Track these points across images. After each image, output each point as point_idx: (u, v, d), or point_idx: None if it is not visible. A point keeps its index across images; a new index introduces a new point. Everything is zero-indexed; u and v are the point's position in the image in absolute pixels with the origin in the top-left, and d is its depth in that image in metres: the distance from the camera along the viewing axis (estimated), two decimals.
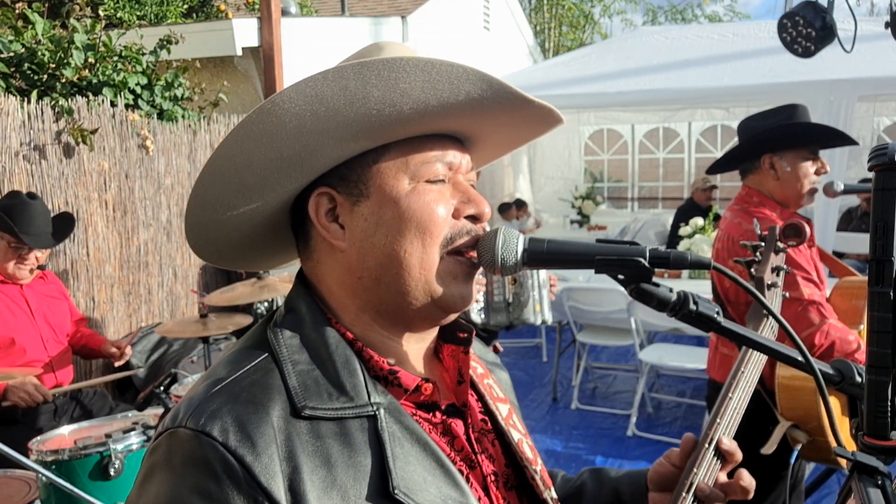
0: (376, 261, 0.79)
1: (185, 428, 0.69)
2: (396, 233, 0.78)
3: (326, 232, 0.80)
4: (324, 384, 0.74)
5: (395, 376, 0.79)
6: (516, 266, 0.83)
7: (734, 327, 0.85)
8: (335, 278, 0.82)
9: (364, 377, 0.77)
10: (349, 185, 0.80)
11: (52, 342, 2.99)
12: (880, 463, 0.80)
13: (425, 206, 0.78)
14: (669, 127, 10.46)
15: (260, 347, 0.78)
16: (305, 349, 0.77)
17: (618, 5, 19.59)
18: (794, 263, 2.11)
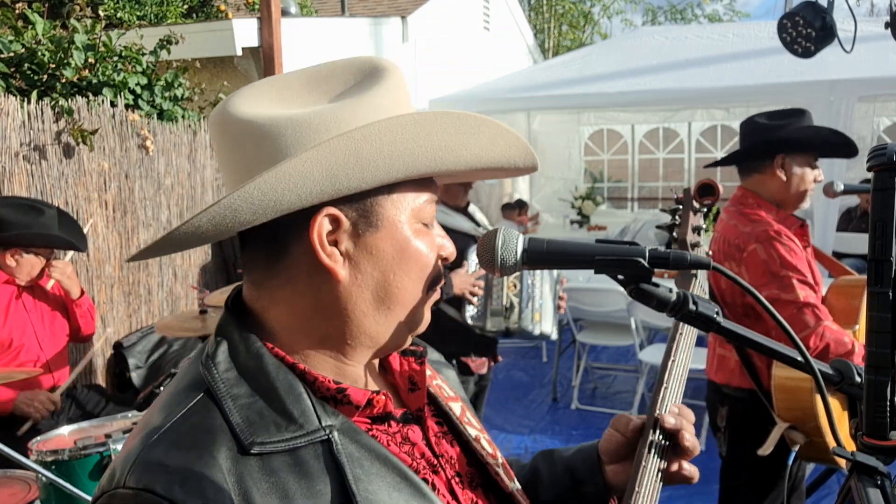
0: (372, 295, 0.76)
1: (125, 488, 0.64)
2: (400, 271, 0.76)
3: (328, 257, 0.73)
4: (269, 415, 0.70)
5: (343, 394, 0.75)
6: (516, 266, 0.83)
7: (734, 327, 0.85)
8: (307, 304, 0.75)
9: (311, 401, 0.72)
10: (360, 212, 0.74)
11: (49, 342, 2.99)
12: (880, 463, 0.80)
13: (426, 248, 0.79)
14: (669, 127, 10.46)
15: (194, 387, 0.72)
16: (244, 381, 0.72)
17: (617, 5, 19.60)
18: (789, 266, 2.11)
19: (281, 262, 0.75)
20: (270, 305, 0.77)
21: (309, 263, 0.74)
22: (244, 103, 0.75)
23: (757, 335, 0.87)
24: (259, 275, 0.77)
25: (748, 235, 2.20)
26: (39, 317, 2.99)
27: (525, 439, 4.35)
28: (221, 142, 0.76)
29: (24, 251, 2.85)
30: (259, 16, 5.33)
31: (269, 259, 0.76)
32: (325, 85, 0.78)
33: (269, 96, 0.77)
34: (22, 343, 2.86)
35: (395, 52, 7.33)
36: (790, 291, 2.09)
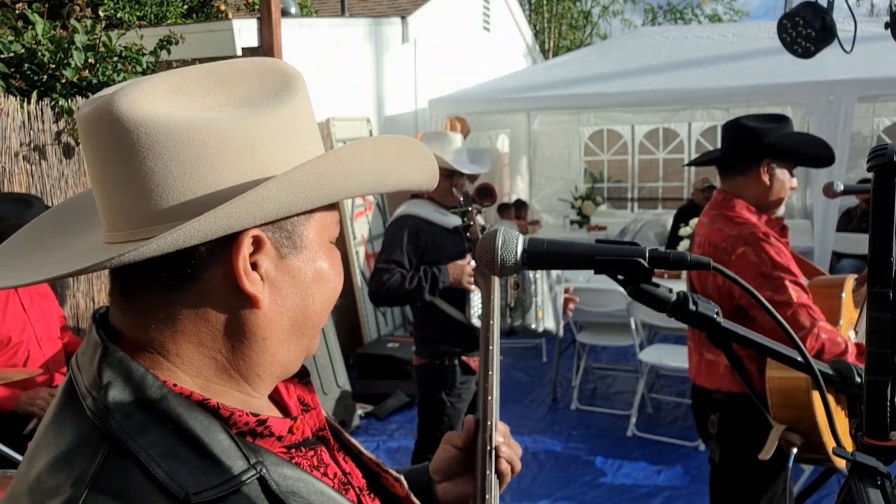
0: (290, 321, 0.70)
1: None
2: (318, 295, 0.72)
3: (249, 283, 0.65)
4: (194, 461, 0.61)
5: (265, 426, 0.68)
6: (516, 266, 0.83)
7: (734, 328, 0.85)
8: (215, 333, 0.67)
9: (232, 439, 0.65)
10: (283, 232, 0.68)
11: (47, 341, 2.98)
12: (880, 464, 0.80)
13: (339, 272, 0.75)
14: (669, 127, 10.46)
15: (90, 442, 0.60)
16: (152, 427, 0.61)
17: (617, 5, 19.61)
18: (780, 267, 2.12)
19: (187, 289, 0.65)
20: (166, 336, 0.66)
21: (225, 289, 0.65)
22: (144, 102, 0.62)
23: (757, 335, 0.87)
24: (150, 302, 0.66)
25: (736, 238, 2.20)
26: (37, 315, 2.98)
27: (525, 439, 4.35)
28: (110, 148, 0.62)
29: None
30: (259, 16, 5.34)
31: (170, 285, 0.65)
32: (228, 88, 0.68)
33: (172, 95, 0.65)
34: (20, 341, 2.86)
35: (394, 53, 7.33)
36: (783, 293, 2.09)
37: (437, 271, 2.76)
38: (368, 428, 4.73)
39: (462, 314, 2.85)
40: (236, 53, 5.30)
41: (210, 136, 0.62)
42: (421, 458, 3.00)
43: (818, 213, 5.86)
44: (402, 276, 2.77)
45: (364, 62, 6.85)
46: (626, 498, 3.67)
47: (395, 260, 2.81)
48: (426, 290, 2.74)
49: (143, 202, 0.63)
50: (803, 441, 2.07)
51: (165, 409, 0.62)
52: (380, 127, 6.95)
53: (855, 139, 7.71)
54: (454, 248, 2.89)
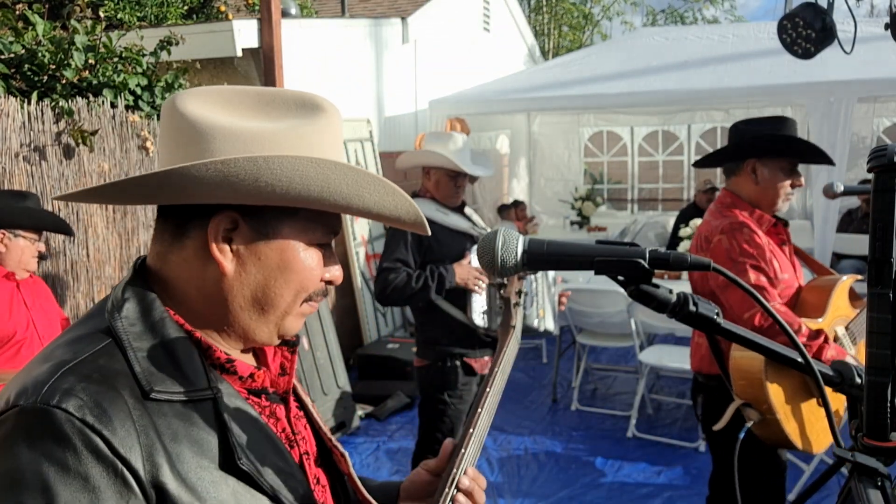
0: (251, 293, 0.86)
1: (37, 404, 0.71)
2: (282, 279, 0.86)
3: (218, 251, 0.83)
4: (167, 370, 0.79)
5: (232, 364, 0.87)
6: (516, 267, 0.83)
7: (734, 328, 0.85)
8: (196, 285, 0.86)
9: (203, 364, 0.83)
10: (259, 221, 0.85)
11: (49, 338, 2.98)
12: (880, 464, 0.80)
13: (311, 268, 0.88)
14: (668, 129, 10.45)
15: (101, 333, 0.81)
16: (147, 337, 0.81)
17: (618, 6, 19.61)
18: (746, 254, 2.29)
19: (181, 243, 0.85)
20: (171, 276, 0.87)
21: (204, 251, 0.84)
22: (192, 103, 0.85)
23: (757, 336, 0.87)
24: (164, 247, 0.87)
25: (716, 228, 2.38)
26: (39, 314, 2.99)
27: (525, 440, 4.35)
28: (167, 127, 0.86)
29: (12, 234, 2.86)
30: (259, 17, 5.34)
31: (173, 235, 0.86)
32: (266, 107, 0.87)
33: (215, 103, 0.86)
34: (24, 338, 2.86)
35: (394, 53, 7.33)
36: (743, 276, 2.27)
37: (444, 271, 2.76)
38: (368, 429, 4.72)
39: (464, 315, 2.84)
40: (236, 54, 5.30)
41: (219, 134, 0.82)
42: (421, 458, 2.99)
43: (818, 213, 5.86)
44: (408, 276, 2.76)
45: (364, 63, 6.86)
46: (627, 499, 3.67)
47: (401, 259, 2.80)
48: (433, 289, 2.74)
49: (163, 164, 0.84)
50: (761, 418, 2.19)
51: (161, 328, 0.82)
52: (380, 127, 6.95)
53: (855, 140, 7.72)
54: (456, 248, 2.89)
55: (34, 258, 2.97)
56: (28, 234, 2.91)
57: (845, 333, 2.35)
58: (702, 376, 2.52)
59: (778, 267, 2.34)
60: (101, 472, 0.70)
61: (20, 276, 2.93)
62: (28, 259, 2.93)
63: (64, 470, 0.69)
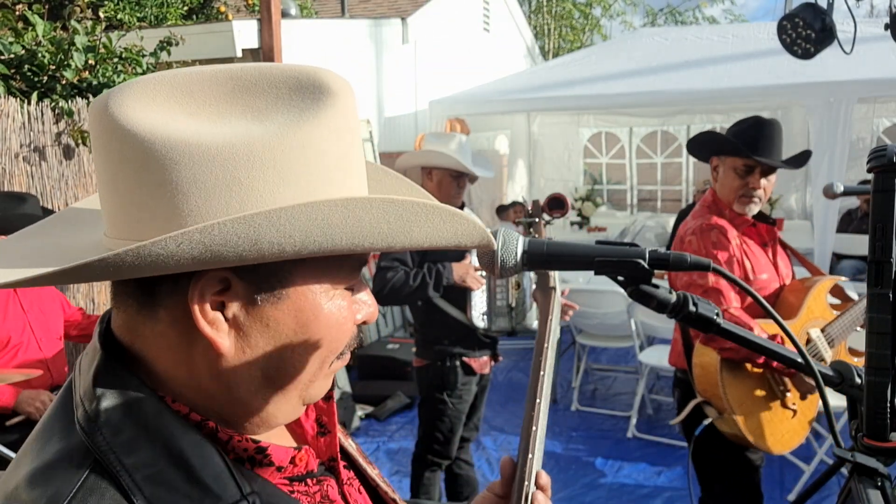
0: (262, 373, 0.62)
1: None
2: (304, 345, 0.62)
3: (208, 325, 0.58)
4: (180, 486, 0.57)
5: (263, 454, 0.63)
6: (516, 267, 0.83)
7: (733, 328, 0.85)
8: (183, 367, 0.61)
9: (226, 463, 0.60)
10: (258, 276, 0.59)
11: (47, 342, 2.98)
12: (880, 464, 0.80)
13: (343, 319, 0.65)
14: (668, 131, 10.45)
15: (74, 459, 0.56)
16: (142, 446, 0.57)
17: (618, 6, 19.62)
18: (711, 256, 2.31)
19: (152, 312, 0.60)
20: (150, 354, 0.61)
21: (184, 322, 0.59)
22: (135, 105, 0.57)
23: (757, 336, 0.87)
24: (130, 316, 0.61)
25: (689, 229, 2.42)
26: (37, 316, 2.98)
27: None
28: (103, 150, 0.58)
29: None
30: (259, 17, 5.34)
31: (141, 304, 0.60)
32: (248, 97, 0.60)
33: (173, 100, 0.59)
34: (20, 342, 2.86)
35: (394, 54, 7.33)
36: (703, 277, 2.28)
37: (442, 268, 2.75)
38: (368, 429, 4.72)
39: (463, 315, 2.84)
40: (236, 55, 5.30)
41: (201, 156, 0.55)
42: (421, 459, 3.00)
43: (818, 214, 5.86)
44: (406, 274, 2.76)
45: (364, 63, 6.86)
46: (627, 499, 3.67)
47: (398, 258, 2.80)
48: (430, 286, 2.73)
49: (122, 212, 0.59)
50: (719, 416, 2.24)
51: (157, 427, 0.58)
52: (380, 128, 6.95)
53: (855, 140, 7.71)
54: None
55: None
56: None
57: (820, 336, 2.34)
58: (679, 372, 2.53)
59: (751, 267, 2.36)
60: None
61: None
62: None
63: None
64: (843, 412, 3.25)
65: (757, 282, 2.37)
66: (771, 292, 2.42)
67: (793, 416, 2.30)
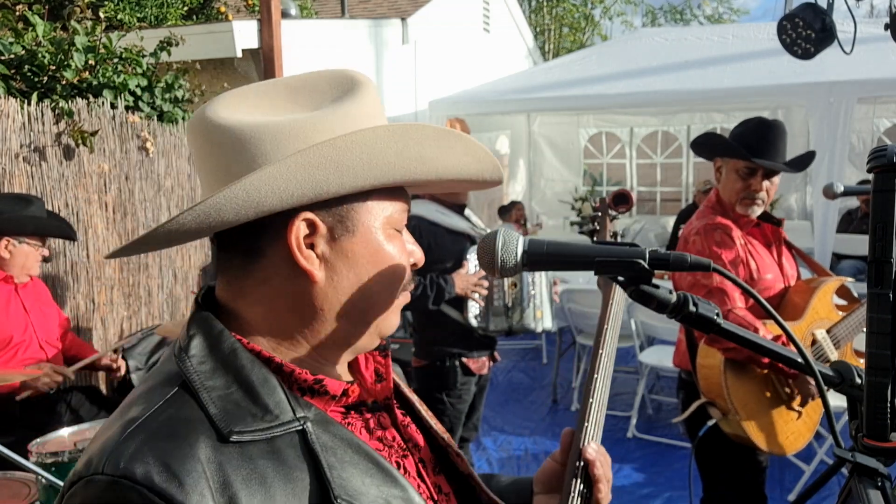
0: (347, 296, 0.79)
1: (102, 475, 0.64)
2: (377, 274, 0.79)
3: (304, 260, 0.76)
4: (246, 406, 0.72)
5: (320, 385, 0.78)
6: (516, 267, 0.83)
7: (734, 328, 0.85)
8: (285, 304, 0.78)
9: (286, 393, 0.75)
10: (335, 216, 0.77)
11: (48, 342, 2.99)
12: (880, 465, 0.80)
13: (400, 253, 0.82)
14: (668, 131, 10.45)
15: (169, 381, 0.74)
16: (220, 373, 0.74)
17: (618, 6, 19.62)
18: (714, 255, 2.29)
19: (257, 264, 0.77)
20: (246, 304, 0.79)
21: (286, 265, 0.76)
22: (225, 110, 0.77)
23: (757, 336, 0.86)
24: (234, 274, 0.79)
25: (693, 229, 2.40)
26: (38, 317, 2.99)
27: (525, 441, 4.35)
28: (202, 146, 0.78)
29: (17, 241, 2.86)
30: (259, 17, 5.34)
31: (246, 260, 0.78)
32: (302, 95, 0.80)
33: (248, 104, 0.79)
34: (22, 341, 2.86)
35: (394, 54, 7.33)
36: (707, 277, 2.26)
37: (444, 282, 2.74)
38: None
39: (461, 315, 2.84)
40: (236, 55, 5.30)
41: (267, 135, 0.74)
42: None
43: (818, 214, 5.86)
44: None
45: (364, 63, 6.86)
46: (627, 499, 3.66)
47: None
48: (430, 299, 2.73)
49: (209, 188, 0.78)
50: (723, 417, 2.23)
51: (233, 361, 0.74)
52: None
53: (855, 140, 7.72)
54: (455, 249, 2.88)
55: (38, 263, 2.97)
56: (32, 240, 2.90)
57: (826, 336, 2.32)
58: (684, 373, 2.52)
59: (756, 268, 2.34)
60: None
61: (20, 280, 2.93)
62: (31, 264, 2.93)
63: None
64: (843, 412, 3.25)
65: (762, 282, 2.34)
66: (776, 293, 2.39)
67: (798, 418, 2.28)
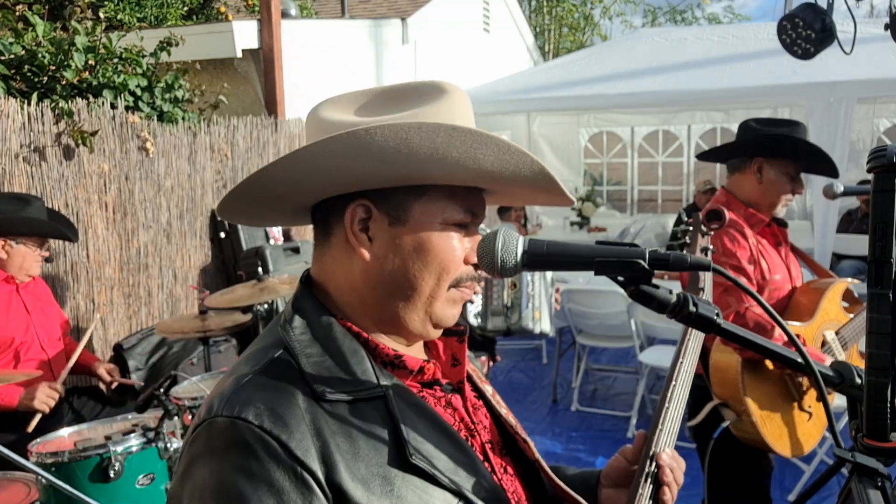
0: (394, 279, 0.88)
1: (223, 416, 0.78)
2: (420, 262, 0.88)
3: (356, 239, 0.88)
4: (337, 372, 0.84)
5: (400, 360, 0.89)
6: (516, 268, 0.82)
7: (734, 328, 0.85)
8: (347, 279, 0.91)
9: (371, 364, 0.87)
10: (390, 206, 0.88)
11: (49, 343, 2.98)
12: (880, 465, 0.80)
13: (449, 249, 0.89)
14: (669, 130, 10.45)
15: (275, 345, 0.87)
16: (317, 343, 0.87)
17: (617, 7, 19.62)
18: (728, 254, 2.28)
19: (329, 240, 0.92)
20: (328, 278, 0.93)
21: (346, 244, 0.89)
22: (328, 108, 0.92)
23: (756, 336, 0.86)
24: (319, 251, 0.94)
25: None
26: (39, 316, 2.98)
27: None
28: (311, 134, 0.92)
29: (14, 241, 2.85)
30: (259, 18, 5.34)
31: (323, 236, 0.93)
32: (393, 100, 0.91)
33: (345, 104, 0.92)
34: (23, 342, 2.86)
35: (394, 54, 7.33)
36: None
37: None
38: None
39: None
40: (236, 55, 5.30)
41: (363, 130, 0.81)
42: None
43: (818, 214, 5.86)
44: None
45: (364, 64, 6.85)
46: None
47: None
48: None
49: None
50: (737, 418, 2.20)
51: (328, 333, 0.88)
52: None
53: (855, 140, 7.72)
54: None
55: (37, 263, 2.96)
56: (30, 241, 2.90)
57: (835, 338, 2.32)
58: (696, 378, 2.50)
59: (767, 267, 2.33)
60: (283, 475, 0.75)
61: (21, 280, 2.93)
62: (31, 265, 2.93)
63: (249, 476, 0.75)
64: (843, 412, 3.25)
65: (771, 282, 2.33)
66: (785, 294, 2.39)
67: (808, 419, 2.27)
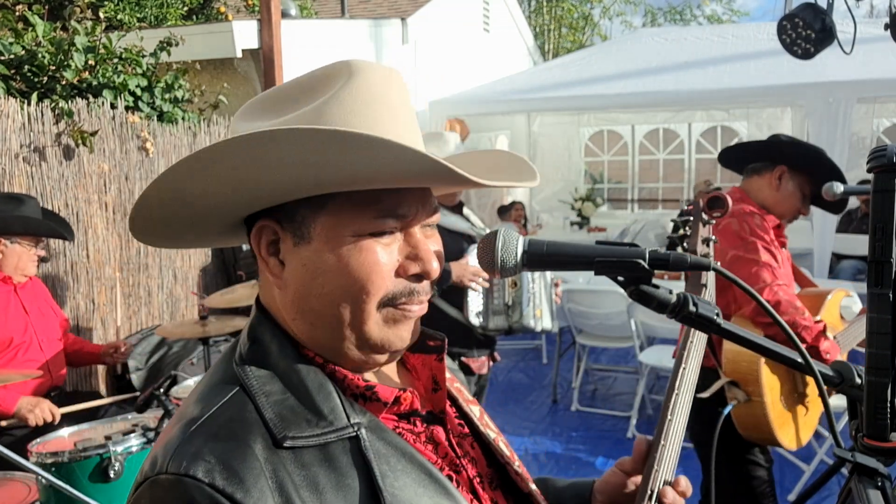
0: (311, 306, 0.77)
1: (167, 474, 0.67)
2: (334, 285, 0.75)
3: (266, 265, 0.79)
4: (300, 412, 0.73)
5: (372, 391, 0.77)
6: (516, 268, 0.82)
7: (733, 328, 0.85)
8: (283, 305, 0.80)
9: (340, 398, 0.75)
10: (293, 223, 0.76)
11: (48, 343, 2.98)
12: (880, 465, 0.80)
13: (368, 264, 0.75)
14: (669, 128, 10.45)
15: (229, 382, 0.76)
16: (276, 378, 0.76)
17: (617, 7, 19.61)
18: (757, 234, 2.28)
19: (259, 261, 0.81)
20: (272, 304, 0.82)
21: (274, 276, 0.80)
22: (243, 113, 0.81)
23: (756, 336, 0.86)
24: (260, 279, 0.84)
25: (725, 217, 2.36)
26: (38, 318, 2.98)
27: (525, 441, 4.35)
28: None
29: (9, 241, 2.85)
30: (259, 18, 5.34)
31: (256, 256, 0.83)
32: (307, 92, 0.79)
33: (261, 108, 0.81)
34: (22, 342, 2.86)
35: (394, 54, 7.33)
36: (753, 252, 2.24)
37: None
38: None
39: (461, 313, 2.84)
40: (236, 55, 5.30)
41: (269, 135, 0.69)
42: None
43: (818, 214, 5.86)
44: None
45: None
46: None
47: None
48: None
49: None
50: (746, 399, 2.19)
51: (289, 366, 0.76)
52: None
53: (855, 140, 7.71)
54: (453, 248, 2.88)
55: (33, 263, 2.96)
56: (25, 240, 2.90)
57: None
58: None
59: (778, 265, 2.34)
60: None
61: (18, 280, 2.93)
62: (26, 264, 2.92)
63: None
64: (843, 412, 3.25)
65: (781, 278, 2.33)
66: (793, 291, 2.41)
67: (806, 414, 2.29)
